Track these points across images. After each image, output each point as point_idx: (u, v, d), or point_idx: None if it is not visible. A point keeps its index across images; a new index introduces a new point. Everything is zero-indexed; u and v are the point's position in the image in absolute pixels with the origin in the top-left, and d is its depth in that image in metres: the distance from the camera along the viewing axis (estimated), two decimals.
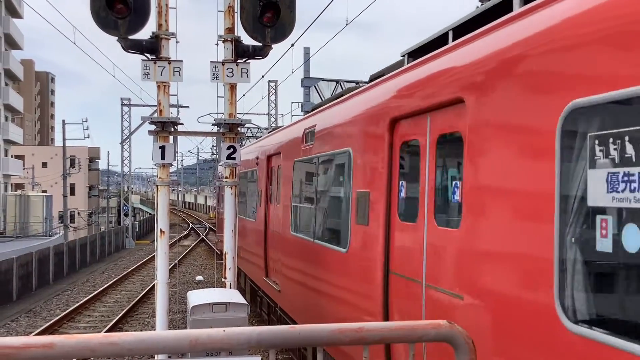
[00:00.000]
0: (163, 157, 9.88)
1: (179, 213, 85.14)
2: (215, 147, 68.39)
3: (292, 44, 22.18)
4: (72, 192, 69.42)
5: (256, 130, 46.10)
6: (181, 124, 10.29)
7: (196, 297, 8.78)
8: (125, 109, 50.63)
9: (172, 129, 10.09)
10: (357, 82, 30.69)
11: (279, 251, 12.07)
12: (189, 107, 28.38)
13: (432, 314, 5.34)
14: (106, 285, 24.80)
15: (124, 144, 51.50)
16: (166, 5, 9.82)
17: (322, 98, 30.24)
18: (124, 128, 50.87)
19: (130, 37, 9.52)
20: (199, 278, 25.79)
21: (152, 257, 32.31)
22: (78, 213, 63.50)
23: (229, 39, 10.08)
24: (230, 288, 10.22)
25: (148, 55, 9.77)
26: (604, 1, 3.56)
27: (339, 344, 2.84)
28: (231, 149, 10.29)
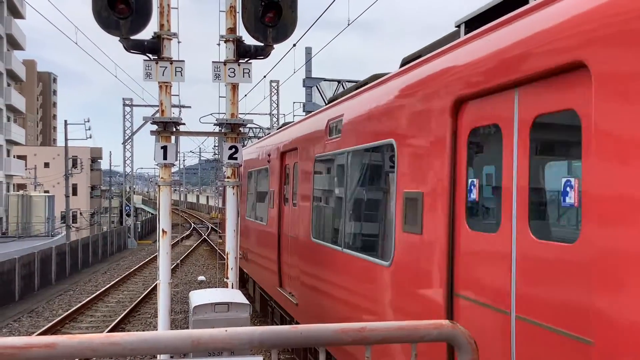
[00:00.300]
0: (165, 157, 9.89)
1: (180, 213, 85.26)
2: (217, 147, 68.41)
3: (294, 44, 22.15)
4: (75, 193, 69.48)
5: (258, 130, 46.14)
6: (183, 124, 10.30)
7: (198, 297, 8.79)
8: (127, 109, 50.66)
9: (174, 129, 10.10)
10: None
11: (296, 259, 10.79)
12: (190, 107, 28.49)
13: (533, 358, 4.15)
14: (108, 286, 24.81)
15: (126, 144, 51.52)
16: (168, 5, 9.82)
17: (324, 98, 30.24)
18: (126, 128, 50.89)
19: (132, 37, 9.53)
20: (201, 278, 25.80)
21: (154, 257, 32.34)
22: (80, 213, 63.65)
23: (230, 39, 10.08)
24: (233, 288, 10.23)
25: (150, 55, 9.78)
26: None
27: (341, 344, 2.84)
28: (233, 149, 10.29)
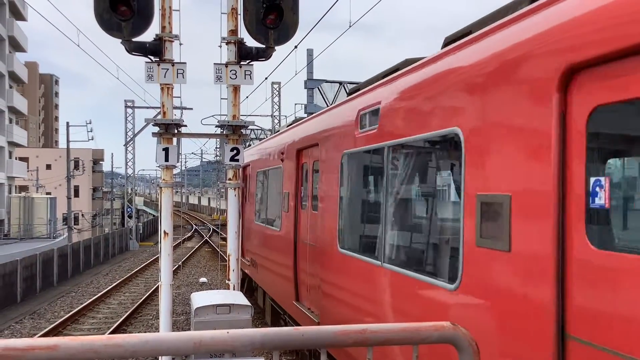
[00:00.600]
0: (167, 159, 9.90)
1: (182, 215, 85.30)
2: (218, 149, 68.46)
3: (296, 46, 22.20)
4: (76, 194, 69.60)
5: (259, 132, 46.19)
6: (185, 125, 10.31)
7: (200, 298, 8.80)
8: (129, 110, 50.75)
9: (175, 131, 10.11)
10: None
11: (318, 271, 9.39)
12: (192, 109, 28.48)
13: None
14: (110, 287, 24.83)
15: (128, 145, 51.60)
16: (169, 7, 9.84)
17: (326, 100, 30.25)
18: (127, 130, 50.99)
19: (133, 39, 9.54)
20: (203, 280, 25.80)
21: (155, 259, 32.36)
22: (82, 215, 63.70)
23: (232, 41, 10.10)
24: (234, 290, 10.23)
25: (152, 57, 9.79)
26: None
27: (342, 346, 2.84)
28: (234, 151, 10.30)
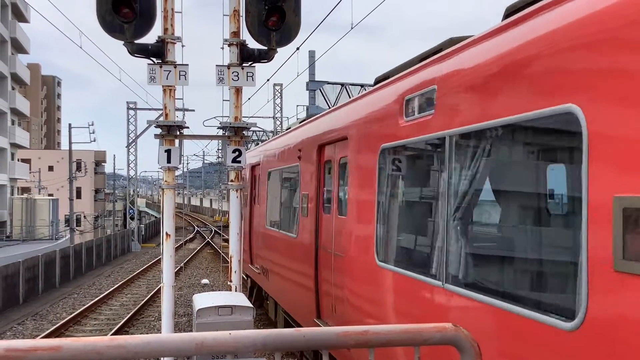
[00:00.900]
0: (169, 161, 9.91)
1: (184, 216, 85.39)
2: (220, 151, 68.52)
3: (298, 48, 22.20)
4: (79, 196, 69.70)
5: (261, 133, 46.24)
6: (187, 127, 10.32)
7: (202, 300, 8.80)
8: (131, 112, 50.84)
9: (177, 133, 10.12)
10: (362, 85, 30.79)
11: (348, 287, 8.02)
12: (194, 110, 28.55)
13: None
14: (112, 289, 24.86)
15: (130, 147, 51.67)
16: (172, 9, 9.86)
17: (328, 101, 30.27)
18: (130, 132, 51.05)
19: (136, 41, 9.55)
20: (205, 281, 25.83)
21: (157, 261, 32.39)
22: (84, 216, 63.82)
23: (234, 42, 10.11)
24: (236, 291, 10.24)
25: (154, 59, 9.81)
26: None
27: (344, 347, 2.85)
28: (236, 152, 10.31)
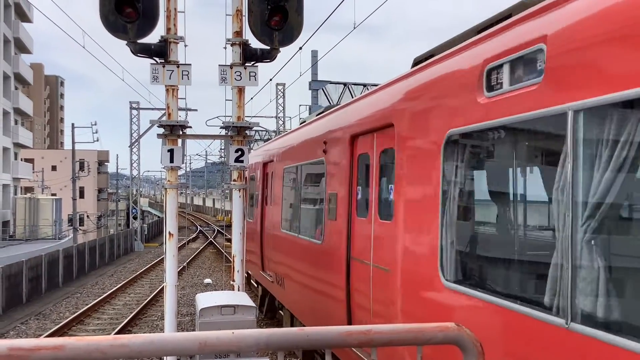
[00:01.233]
0: (172, 160, 9.92)
1: (187, 216, 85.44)
2: (223, 150, 68.59)
3: (300, 47, 22.22)
4: (82, 195, 69.81)
5: (264, 133, 46.28)
6: (189, 127, 10.33)
7: (205, 299, 8.82)
8: (134, 112, 50.88)
9: (180, 132, 10.13)
10: (365, 85, 30.82)
11: (399, 312, 6.37)
12: (197, 110, 28.58)
13: None
14: (115, 288, 24.89)
15: (133, 147, 51.72)
16: (175, 9, 9.87)
17: (330, 101, 30.30)
18: (132, 131, 51.11)
19: (139, 41, 9.57)
20: (208, 281, 25.84)
21: (160, 260, 32.44)
22: (87, 216, 63.88)
23: (237, 42, 10.12)
24: (239, 291, 10.25)
25: (157, 58, 9.82)
26: None
27: (347, 346, 2.85)
28: (239, 152, 10.31)
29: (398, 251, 6.30)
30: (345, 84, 30.88)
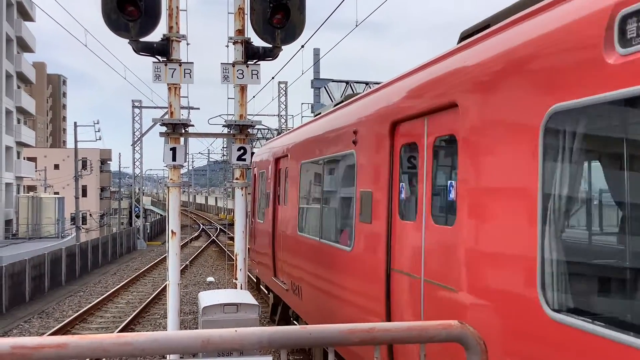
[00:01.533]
0: (174, 159, 9.92)
1: (189, 214, 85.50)
2: (225, 149, 68.61)
3: (302, 45, 22.20)
4: (84, 194, 69.86)
5: (266, 131, 46.29)
6: (192, 125, 10.33)
7: (207, 298, 8.82)
8: (137, 110, 50.91)
9: (182, 131, 10.13)
10: (367, 83, 30.80)
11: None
12: (199, 108, 28.56)
13: None
14: (118, 287, 24.91)
15: (135, 145, 51.75)
16: (177, 7, 9.87)
17: (332, 99, 30.27)
18: (135, 130, 51.15)
19: (141, 39, 9.57)
20: (210, 279, 25.85)
21: (163, 258, 32.45)
22: (90, 215, 63.96)
23: (239, 40, 10.11)
24: (242, 289, 10.26)
25: (159, 57, 9.82)
26: None
27: (350, 344, 2.85)
28: (241, 150, 10.31)
29: (466, 264, 4.90)
30: (347, 82, 30.86)
